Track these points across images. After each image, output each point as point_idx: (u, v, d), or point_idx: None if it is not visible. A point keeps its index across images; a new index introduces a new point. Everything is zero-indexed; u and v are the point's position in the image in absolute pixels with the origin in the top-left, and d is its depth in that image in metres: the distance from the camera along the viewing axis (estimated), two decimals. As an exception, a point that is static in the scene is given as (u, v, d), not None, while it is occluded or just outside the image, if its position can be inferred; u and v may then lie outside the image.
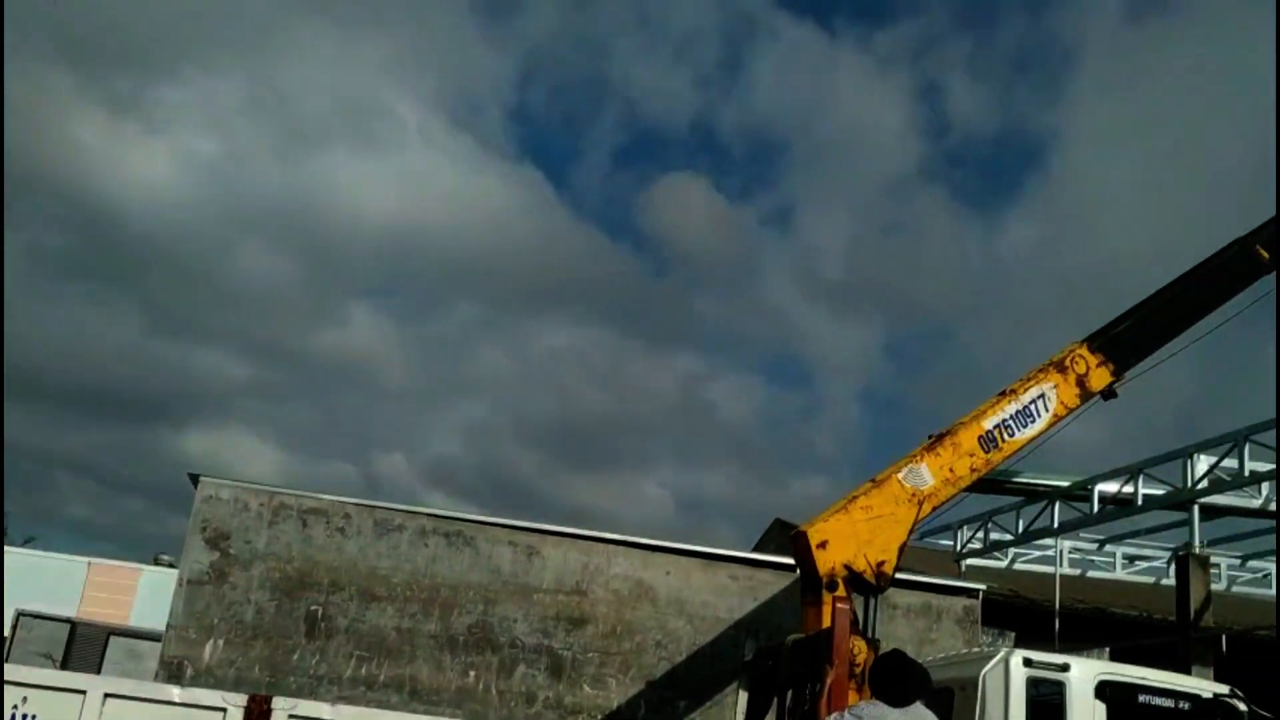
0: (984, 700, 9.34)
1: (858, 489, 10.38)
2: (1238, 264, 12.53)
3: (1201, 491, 15.50)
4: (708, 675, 14.39)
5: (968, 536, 20.50)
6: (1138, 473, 16.46)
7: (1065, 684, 9.39)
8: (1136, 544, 20.79)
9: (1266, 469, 14.66)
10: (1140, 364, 12.03)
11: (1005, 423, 10.98)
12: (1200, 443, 15.47)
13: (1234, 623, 18.52)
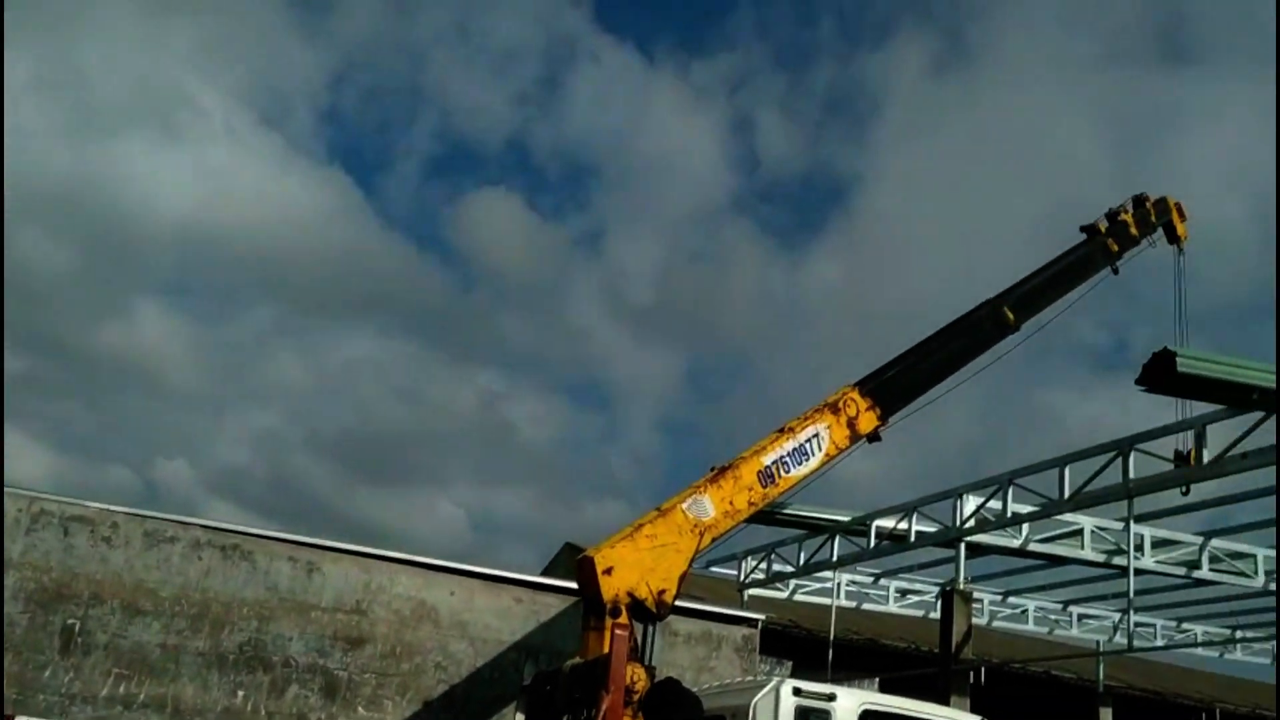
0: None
1: (644, 517, 10.50)
2: (987, 324, 13.50)
3: (968, 530, 16.28)
4: (487, 698, 14.26)
5: (751, 567, 20.98)
6: (912, 511, 17.17)
7: (831, 713, 9.71)
8: (909, 578, 21.67)
9: (1027, 510, 15.50)
10: (903, 410, 12.71)
11: (783, 459, 11.34)
12: (969, 484, 16.26)
13: (992, 655, 19.52)
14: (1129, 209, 15.47)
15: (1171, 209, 15.97)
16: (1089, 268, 14.95)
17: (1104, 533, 16.70)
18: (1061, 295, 14.59)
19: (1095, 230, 15.08)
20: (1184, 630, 22.55)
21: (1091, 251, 14.90)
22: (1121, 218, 15.28)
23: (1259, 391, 11.57)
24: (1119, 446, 13.67)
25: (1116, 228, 15.17)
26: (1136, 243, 15.44)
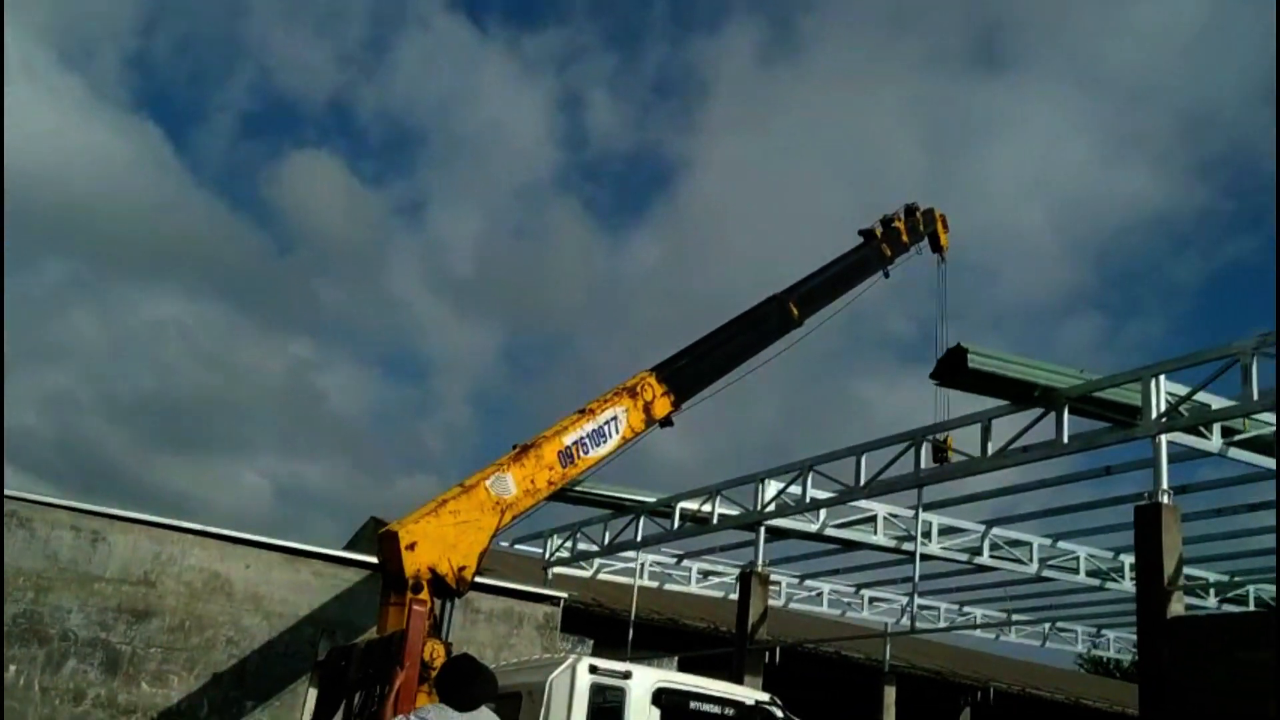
0: (549, 705, 9.59)
1: (448, 492, 10.42)
2: (773, 318, 14.02)
3: (769, 514, 16.74)
4: (280, 674, 13.92)
5: (556, 545, 21.09)
6: (716, 494, 17.56)
7: (626, 690, 9.83)
8: (711, 560, 22.15)
9: (825, 496, 16.05)
10: (696, 396, 13.05)
11: (582, 440, 11.46)
12: (770, 470, 16.72)
13: (787, 636, 20.13)
14: (901, 217, 16.38)
15: (937, 220, 17.09)
16: (865, 270, 15.83)
17: (896, 519, 17.43)
18: (841, 294, 15.35)
19: (871, 235, 15.94)
20: (965, 613, 23.75)
21: (867, 255, 15.77)
22: (894, 225, 16.24)
23: (1041, 389, 12.22)
24: (912, 437, 14.27)
25: (890, 234, 16.11)
26: (906, 249, 16.45)
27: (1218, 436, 12.04)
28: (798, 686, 21.82)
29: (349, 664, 10.05)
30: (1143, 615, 10.98)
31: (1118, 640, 25.10)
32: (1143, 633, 11.01)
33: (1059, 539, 18.74)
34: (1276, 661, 9.29)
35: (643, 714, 9.79)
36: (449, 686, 8.01)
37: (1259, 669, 9.64)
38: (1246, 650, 9.79)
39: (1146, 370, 11.75)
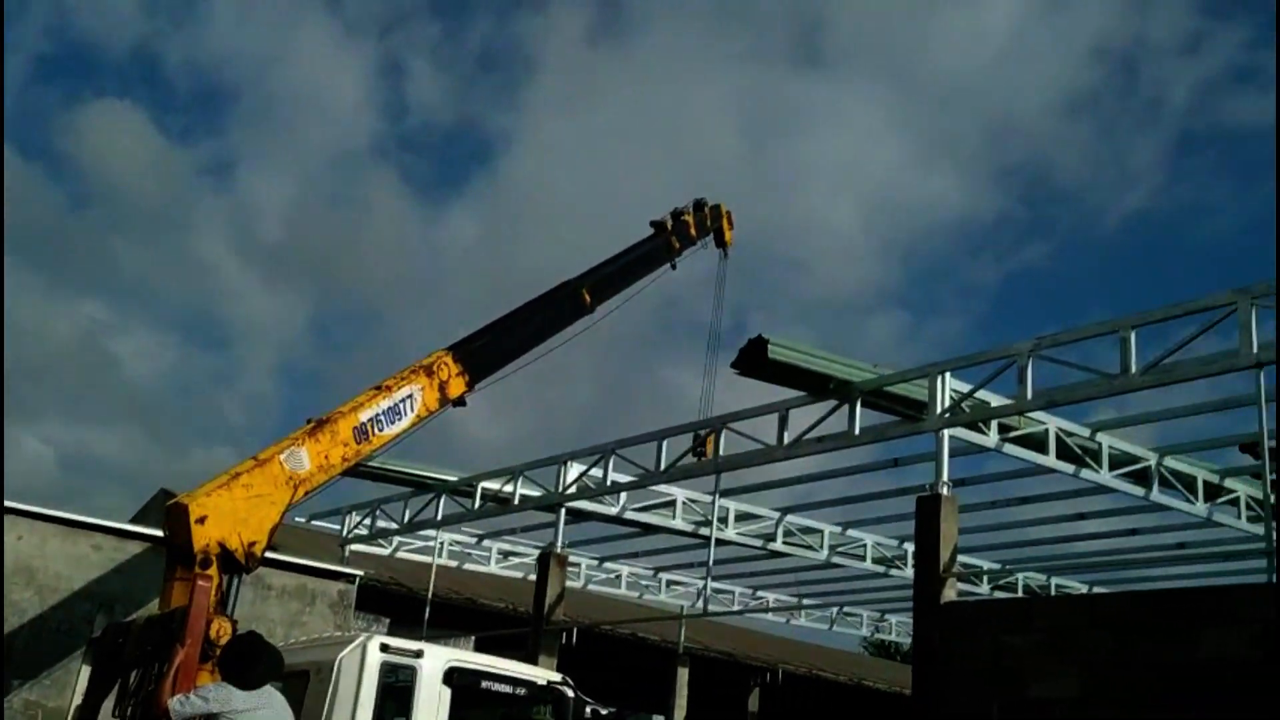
0: (337, 684, 9.44)
1: (240, 465, 10.14)
2: (566, 304, 14.27)
3: (570, 496, 16.86)
4: (51, 652, 13.30)
5: (355, 522, 20.72)
6: (518, 474, 17.56)
7: (417, 670, 9.77)
8: (512, 540, 22.14)
9: (626, 480, 16.26)
10: (490, 377, 13.14)
11: (378, 417, 11.34)
12: (573, 452, 16.84)
13: (584, 617, 20.35)
14: (690, 211, 16.85)
15: (723, 216, 17.65)
16: (654, 260, 16.20)
17: (694, 504, 17.78)
18: (631, 283, 15.73)
19: (662, 227, 16.33)
20: (758, 597, 24.45)
21: (657, 246, 16.18)
22: (684, 218, 16.64)
23: (836, 382, 12.67)
24: (712, 424, 14.59)
25: (679, 227, 16.51)
26: (694, 243, 16.94)
27: (995, 433, 12.72)
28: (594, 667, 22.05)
29: (126, 641, 9.67)
30: (918, 600, 11.54)
31: (899, 624, 26.25)
32: (918, 616, 11.57)
33: (849, 527, 19.48)
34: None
35: (433, 693, 9.74)
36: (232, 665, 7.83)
37: (1020, 651, 10.28)
38: (1009, 634, 10.42)
39: (933, 368, 12.33)
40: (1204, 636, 9.10)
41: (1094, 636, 9.85)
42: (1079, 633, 9.98)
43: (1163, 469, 14.32)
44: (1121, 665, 9.55)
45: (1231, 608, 9.13)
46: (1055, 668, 9.99)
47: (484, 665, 10.47)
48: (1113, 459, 13.85)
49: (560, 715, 10.58)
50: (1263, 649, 8.74)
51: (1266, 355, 9.99)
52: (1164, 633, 9.39)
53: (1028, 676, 10.17)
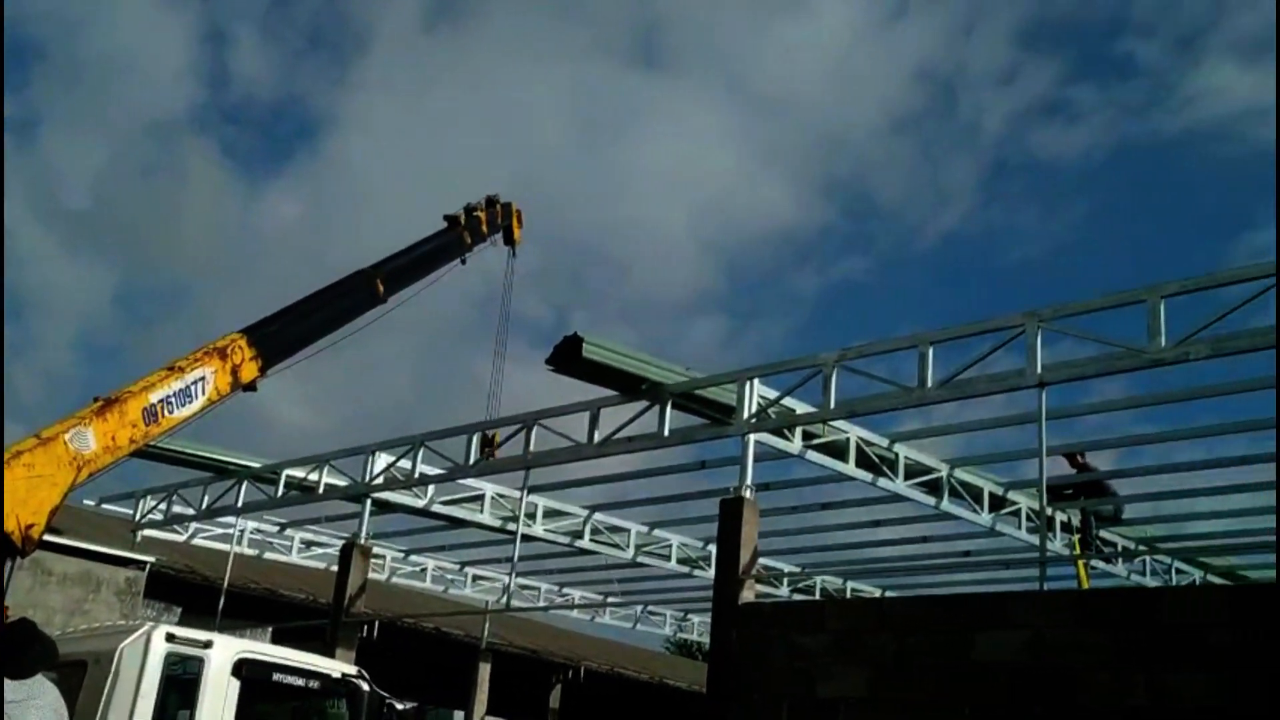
0: (118, 674, 9.07)
1: (22, 443, 9.60)
2: (360, 292, 14.21)
3: (376, 486, 16.58)
4: None
5: (149, 507, 19.88)
6: (324, 463, 17.17)
7: (205, 660, 9.46)
8: (316, 530, 21.62)
9: (434, 472, 16.09)
10: (282, 364, 12.92)
11: (168, 398, 10.96)
12: (381, 442, 16.56)
13: (387, 610, 20.05)
14: (483, 207, 16.98)
15: (514, 215, 17.85)
16: (446, 254, 16.22)
17: (503, 499, 17.71)
18: (423, 276, 15.73)
19: (455, 221, 16.39)
20: (564, 594, 24.52)
21: (449, 241, 16.24)
22: (477, 214, 16.75)
23: (648, 383, 12.81)
24: (523, 420, 14.57)
25: (471, 222, 16.61)
26: (485, 239, 17.08)
27: (799, 439, 13.08)
28: (395, 662, 21.77)
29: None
30: (718, 600, 11.78)
31: (701, 624, 26.72)
32: (716, 617, 11.80)
33: (656, 527, 19.74)
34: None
35: (221, 686, 9.46)
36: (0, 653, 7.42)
37: (812, 651, 10.60)
38: (802, 635, 10.73)
39: (742, 373, 12.59)
40: (979, 640, 9.57)
41: (880, 638, 10.24)
42: (866, 634, 10.35)
43: (953, 480, 15.00)
44: (904, 666, 9.96)
45: (1005, 613, 9.61)
46: (843, 668, 10.34)
47: (276, 657, 10.23)
48: (908, 469, 14.45)
49: (355, 709, 10.43)
50: (1031, 653, 9.25)
51: (1049, 375, 10.58)
52: (943, 635, 9.82)
53: (818, 676, 10.49)
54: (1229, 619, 8.48)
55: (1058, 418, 13.47)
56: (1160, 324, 9.84)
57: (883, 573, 21.47)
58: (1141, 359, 10.01)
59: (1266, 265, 9.47)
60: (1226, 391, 12.24)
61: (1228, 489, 15.36)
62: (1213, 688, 8.30)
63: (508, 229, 17.75)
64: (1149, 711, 8.52)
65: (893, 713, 9.89)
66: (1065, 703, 8.96)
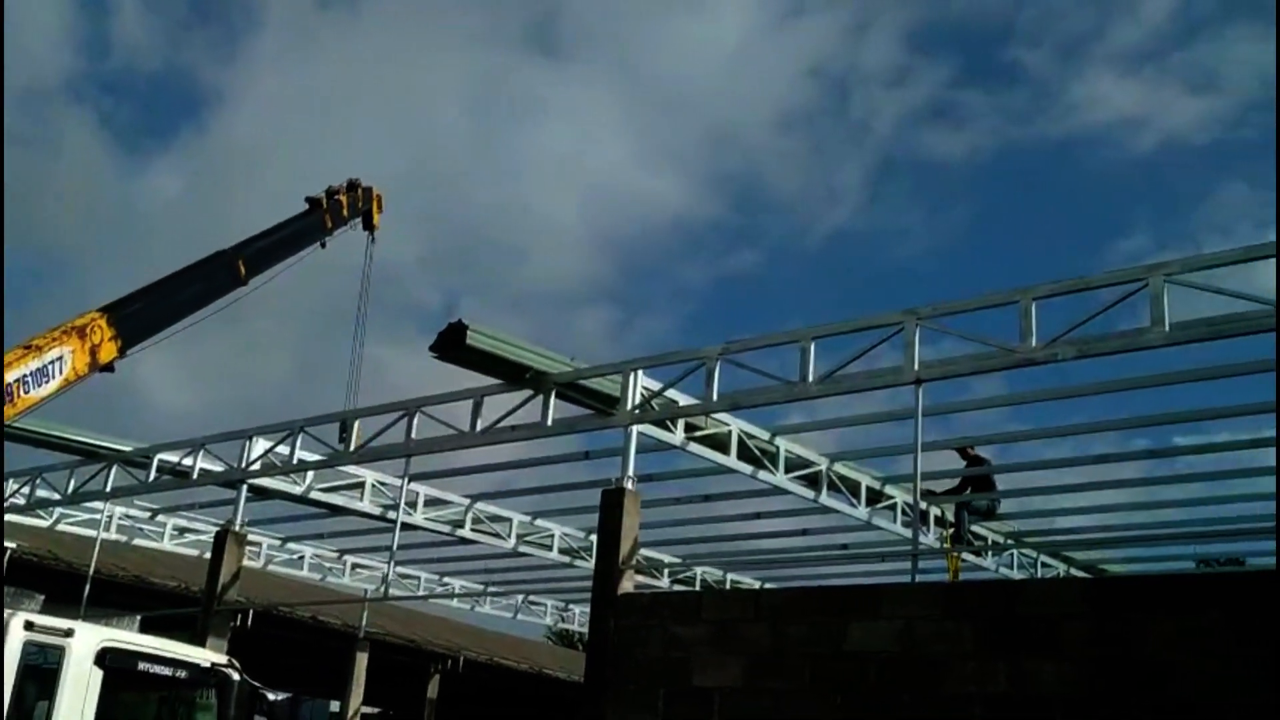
0: (-29, 664, 8.76)
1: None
2: (221, 273, 14.05)
3: (253, 473, 16.22)
4: None
5: (11, 491, 19.14)
6: (200, 447, 16.74)
7: (66, 649, 9.21)
8: (190, 516, 21.09)
9: (313, 459, 15.81)
10: (141, 344, 12.68)
11: (25, 378, 10.64)
12: (259, 427, 16.22)
13: (263, 599, 19.67)
14: (344, 190, 16.92)
15: (374, 199, 17.82)
16: (307, 237, 16.42)
17: (384, 487, 17.50)
18: (284, 259, 15.86)
19: (317, 204, 16.29)
20: (444, 583, 24.34)
21: (311, 223, 16.15)
22: (338, 197, 16.67)
23: (532, 372, 12.76)
24: (406, 407, 14.40)
25: (333, 205, 16.55)
26: (345, 223, 17.06)
27: (681, 431, 13.18)
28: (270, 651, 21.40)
29: None
30: (597, 591, 11.80)
31: (582, 615, 26.76)
32: (595, 607, 11.82)
33: (538, 517, 19.70)
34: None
35: (83, 675, 9.22)
36: None
37: (688, 642, 10.70)
38: (679, 625, 10.82)
39: (627, 364, 12.63)
40: (852, 630, 9.77)
41: (757, 629, 10.38)
42: (744, 625, 10.48)
43: (832, 474, 15.27)
44: (779, 656, 10.11)
45: (878, 604, 9.82)
46: (720, 658, 10.45)
47: (143, 646, 10.02)
48: (788, 462, 14.66)
49: (224, 699, 10.25)
50: (901, 643, 9.48)
51: (926, 373, 10.82)
52: (818, 626, 10.00)
53: (695, 666, 10.59)
54: (1085, 610, 8.81)
55: (934, 414, 13.78)
56: (1032, 324, 10.14)
57: (762, 564, 21.79)
58: (1013, 358, 10.31)
59: (1135, 270, 9.85)
60: (1092, 392, 12.70)
61: (1092, 485, 15.92)
62: (1068, 675, 8.62)
63: (367, 213, 17.69)
64: (1009, 698, 8.81)
65: (767, 702, 10.03)
66: (932, 691, 9.21)
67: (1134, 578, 14.58)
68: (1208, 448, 14.58)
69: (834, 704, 9.66)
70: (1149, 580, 10.94)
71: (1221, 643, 8.13)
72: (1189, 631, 8.26)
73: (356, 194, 17.17)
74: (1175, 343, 9.56)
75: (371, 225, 17.81)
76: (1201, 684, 8.09)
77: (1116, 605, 8.77)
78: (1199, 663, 8.16)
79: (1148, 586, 9.37)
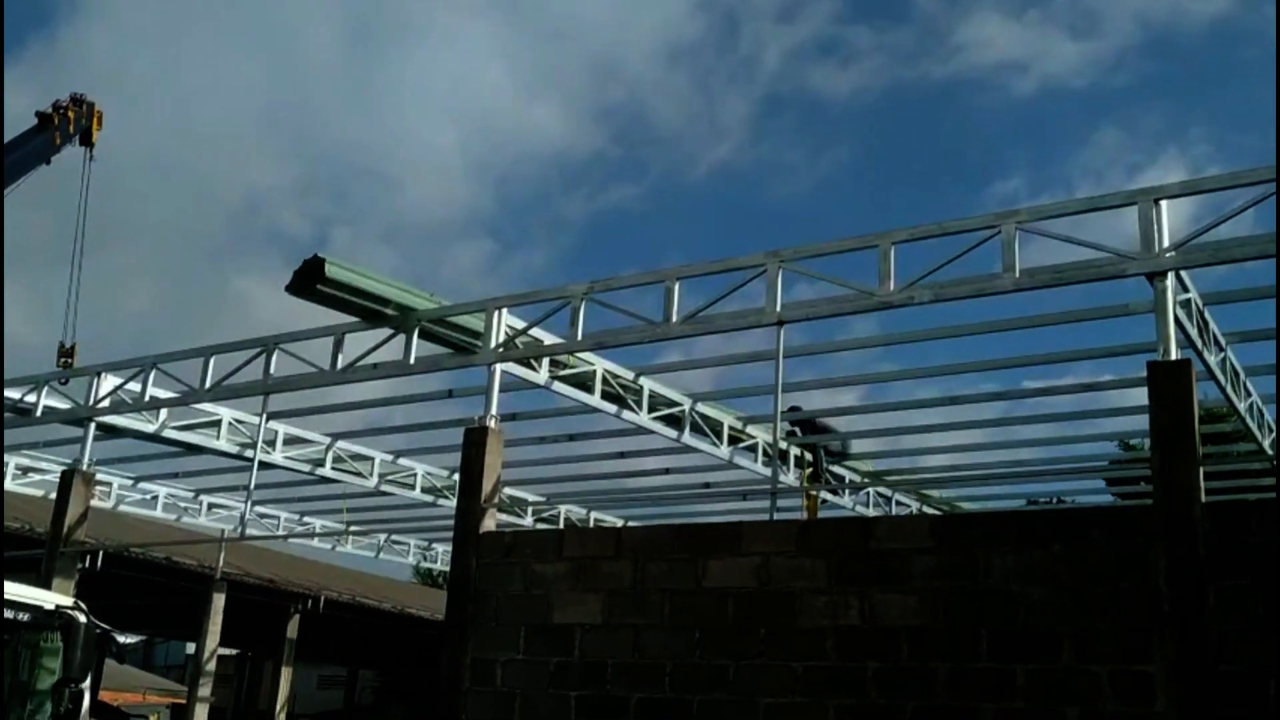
0: None
1: None
2: None
3: (102, 410, 15.67)
4: None
5: None
6: (43, 383, 16.09)
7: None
8: (34, 455, 20.27)
9: (166, 395, 15.34)
10: None
11: None
12: (107, 364, 15.65)
13: (114, 540, 19.09)
14: (71, 105, 16.56)
15: (94, 115, 17.42)
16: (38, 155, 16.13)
17: (241, 425, 17.08)
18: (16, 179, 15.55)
19: (49, 120, 15.90)
20: (305, 523, 23.96)
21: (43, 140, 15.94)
22: (67, 113, 16.28)
23: (394, 307, 12.55)
24: (264, 344, 14.05)
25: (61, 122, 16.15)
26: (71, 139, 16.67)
27: (546, 370, 13.15)
28: (122, 594, 20.85)
29: None
30: (459, 529, 11.76)
31: (446, 553, 26.63)
32: (457, 545, 11.79)
33: (400, 456, 19.49)
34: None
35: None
36: None
37: (549, 579, 10.77)
38: (540, 563, 10.88)
39: (491, 302, 12.53)
40: (711, 566, 9.95)
41: (617, 565, 10.49)
42: (604, 562, 10.58)
43: (695, 414, 15.45)
44: (639, 593, 10.25)
45: (737, 541, 10.01)
46: (580, 595, 10.56)
47: (-18, 589, 9.60)
48: (652, 402, 14.78)
49: (70, 642, 9.93)
50: (759, 579, 9.70)
51: (787, 314, 11.00)
52: (678, 562, 10.16)
53: (554, 603, 10.68)
54: (933, 545, 9.13)
55: (796, 355, 14.06)
56: (890, 268, 10.38)
57: (626, 503, 21.97)
58: (872, 301, 10.54)
59: (988, 217, 10.14)
60: (947, 335, 13.06)
61: (947, 426, 16.45)
62: (915, 607, 8.96)
63: (86, 130, 17.15)
64: (860, 630, 9.11)
65: (627, 637, 10.18)
66: (788, 624, 9.46)
67: (980, 514, 15.21)
68: (1053, 390, 15.19)
69: (693, 639, 9.86)
70: (994, 516, 11.43)
71: (1060, 575, 8.54)
72: (1030, 565, 8.65)
73: (82, 109, 16.75)
74: (1023, 288, 9.88)
75: (90, 141, 17.33)
76: (1043, 613, 8.50)
77: (963, 540, 9.12)
78: (1039, 594, 8.56)
79: (993, 522, 9.79)
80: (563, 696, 10.31)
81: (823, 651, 9.24)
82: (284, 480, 19.75)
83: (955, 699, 8.65)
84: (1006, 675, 8.50)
